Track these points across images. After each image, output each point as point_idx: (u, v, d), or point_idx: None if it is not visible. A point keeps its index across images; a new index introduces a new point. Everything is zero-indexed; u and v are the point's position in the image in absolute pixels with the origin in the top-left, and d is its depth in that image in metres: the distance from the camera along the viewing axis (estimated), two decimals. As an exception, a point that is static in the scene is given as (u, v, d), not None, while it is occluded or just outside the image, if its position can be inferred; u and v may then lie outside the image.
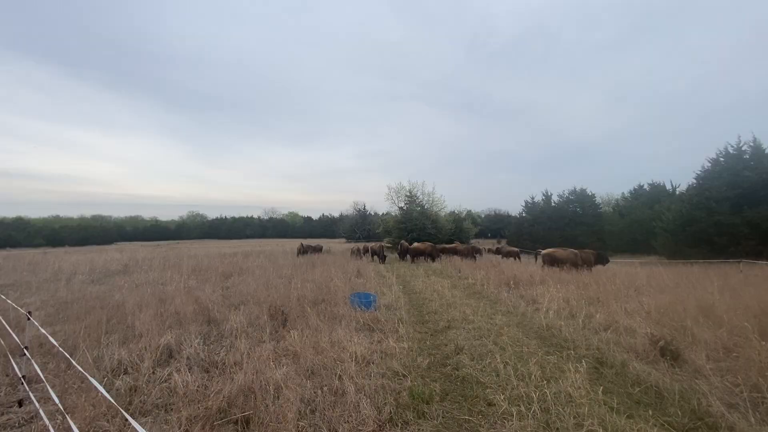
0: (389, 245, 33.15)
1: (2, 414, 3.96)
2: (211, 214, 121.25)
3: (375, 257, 23.78)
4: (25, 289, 12.03)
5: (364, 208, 76.39)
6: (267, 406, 3.76)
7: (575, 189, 50.13)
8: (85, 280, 14.10)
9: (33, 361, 4.18)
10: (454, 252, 22.91)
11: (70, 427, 3.27)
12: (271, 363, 4.87)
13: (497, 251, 25.77)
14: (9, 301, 7.21)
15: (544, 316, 7.68)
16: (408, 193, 37.38)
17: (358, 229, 70.67)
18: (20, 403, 4.15)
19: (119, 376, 4.80)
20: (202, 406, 3.82)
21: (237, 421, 3.61)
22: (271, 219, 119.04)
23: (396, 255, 25.32)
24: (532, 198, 56.57)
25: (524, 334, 6.76)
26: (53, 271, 17.03)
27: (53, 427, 3.18)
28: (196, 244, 58.28)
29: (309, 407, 3.87)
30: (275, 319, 7.27)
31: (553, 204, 52.45)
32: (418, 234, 32.80)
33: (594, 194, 49.57)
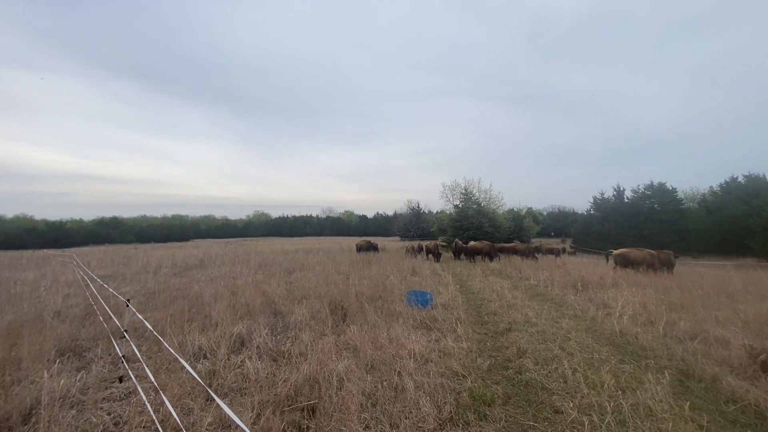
0: (444, 244, 32.68)
1: (106, 388, 4.55)
2: (274, 213, 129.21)
3: (429, 256, 23.60)
4: (121, 280, 13.70)
5: (418, 206, 76.08)
6: (330, 396, 3.92)
7: (652, 183, 45.45)
8: (169, 273, 15.71)
9: (131, 343, 4.75)
10: (514, 251, 21.98)
11: (162, 402, 3.69)
12: (333, 356, 5.06)
13: (533, 251, 22.77)
14: (111, 290, 8.25)
15: (617, 322, 7.09)
16: (463, 191, 36.47)
17: (412, 227, 70.56)
18: (120, 380, 4.74)
19: (200, 360, 5.29)
20: (272, 393, 4.08)
21: (304, 408, 3.82)
22: (328, 218, 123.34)
23: (451, 254, 24.89)
24: (602, 194, 52.38)
25: (594, 340, 6.31)
26: (142, 264, 19.23)
27: (148, 402, 3.59)
28: (261, 242, 62.18)
29: (370, 400, 3.97)
30: (335, 314, 7.54)
31: (625, 200, 48.08)
32: (474, 232, 31.92)
33: (675, 189, 44.52)
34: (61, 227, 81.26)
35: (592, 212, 53.42)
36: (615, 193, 50.08)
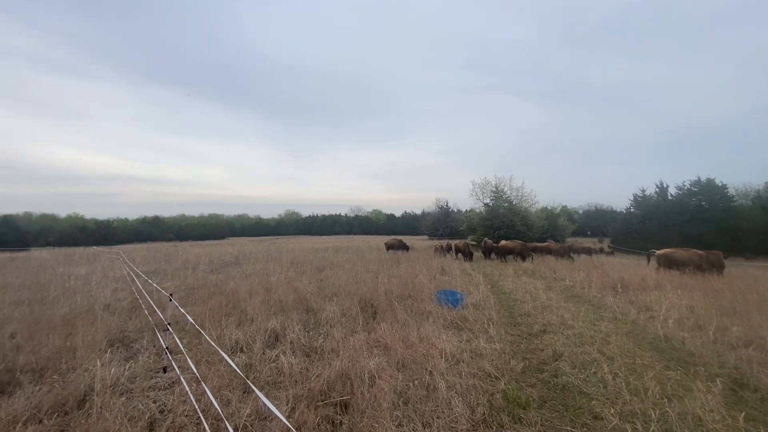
0: (473, 243, 32.17)
1: (152, 378, 4.80)
2: (304, 213, 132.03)
3: (459, 255, 23.29)
4: (163, 276, 14.44)
5: (447, 205, 75.14)
6: (363, 393, 3.95)
7: (699, 179, 42.65)
8: (206, 269, 16.39)
9: (175, 336, 4.99)
10: (547, 251, 21.29)
11: (203, 392, 3.86)
12: (364, 353, 5.10)
13: (568, 251, 21.50)
14: (155, 285, 8.70)
15: (661, 326, 6.72)
16: (494, 189, 35.69)
17: (441, 226, 69.82)
18: (164, 370, 4.99)
19: (236, 353, 5.48)
20: (306, 387, 4.17)
21: (336, 404, 3.87)
22: (357, 216, 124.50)
23: (480, 253, 24.42)
24: (643, 191, 49.78)
25: (636, 344, 6.00)
26: (182, 261, 20.17)
27: (191, 392, 3.76)
28: (292, 240, 63.62)
29: (402, 398, 3.97)
30: (366, 312, 7.60)
31: (669, 197, 45.41)
32: (505, 231, 31.19)
33: (725, 185, 41.53)
34: (108, 226, 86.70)
35: (632, 210, 50.84)
36: (657, 190, 47.41)
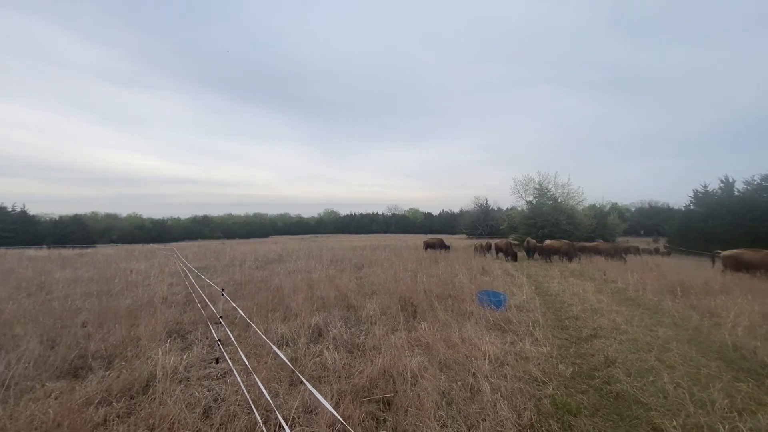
0: (515, 242, 31.15)
1: (205, 368, 5.09)
2: (342, 212, 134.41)
3: (500, 254, 22.65)
4: (212, 272, 15.27)
5: (486, 203, 73.30)
6: (405, 391, 3.96)
7: (773, 173, 38.44)
8: (252, 266, 17.13)
9: (227, 329, 5.26)
10: (596, 251, 20.18)
11: (252, 383, 4.04)
12: (406, 351, 5.10)
13: (619, 251, 20.01)
14: (207, 280, 9.22)
15: (728, 334, 6.16)
16: (537, 186, 34.27)
17: (480, 224, 68.26)
18: (217, 361, 5.28)
19: (282, 347, 5.68)
20: (349, 383, 4.25)
21: (380, 401, 3.91)
22: (393, 215, 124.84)
23: (523, 253, 23.57)
24: (705, 186, 45.69)
25: (699, 352, 5.54)
26: (230, 258, 21.22)
27: (242, 382, 3.95)
28: (331, 238, 65.01)
29: (445, 399, 3.93)
30: (405, 310, 7.59)
31: (736, 193, 41.37)
32: (549, 230, 29.90)
33: (806, 179, 37.16)
34: (163, 225, 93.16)
35: (691, 208, 46.89)
36: (722, 185, 43.33)
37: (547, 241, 21.81)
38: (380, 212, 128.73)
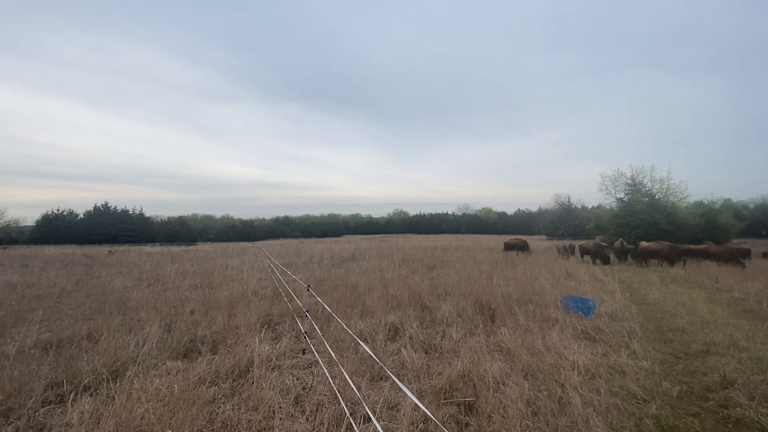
0: (604, 244, 28.41)
1: (293, 357, 5.49)
2: (411, 212, 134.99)
3: (585, 257, 20.85)
4: (295, 268, 16.40)
5: (569, 201, 68.17)
6: (487, 397, 3.86)
7: None
8: (329, 264, 18.06)
9: (313, 322, 5.63)
10: (705, 255, 17.54)
11: (337, 375, 4.26)
12: (486, 356, 4.96)
13: (736, 255, 16.80)
14: (293, 276, 9.93)
15: None
16: (630, 181, 30.82)
17: (561, 224, 63.52)
18: (303, 352, 5.67)
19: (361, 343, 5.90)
20: (429, 383, 4.27)
21: (461, 404, 3.86)
22: (464, 215, 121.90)
23: (614, 256, 21.36)
24: None
25: None
26: (309, 255, 22.60)
27: (328, 373, 4.20)
28: (401, 238, 65.62)
29: (530, 408, 3.75)
30: (482, 314, 7.38)
31: None
32: (645, 231, 26.72)
33: None
34: (251, 225, 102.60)
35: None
36: None
37: (643, 243, 19.52)
38: (450, 212, 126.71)
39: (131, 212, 78.31)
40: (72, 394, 4.00)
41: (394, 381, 4.38)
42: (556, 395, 3.98)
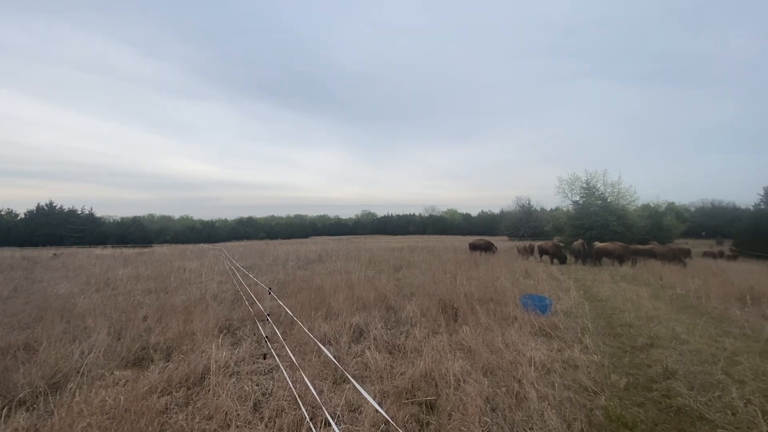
0: (561, 244, 29.82)
1: (254, 363, 5.32)
2: (379, 213, 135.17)
3: (543, 257, 21.79)
4: (258, 271, 15.94)
5: (529, 203, 70.91)
6: (448, 395, 3.92)
7: None
8: (294, 266, 17.70)
9: (274, 326, 5.48)
10: (651, 254, 18.85)
11: (297, 379, 4.17)
12: (448, 354, 5.05)
13: (678, 254, 18.59)
14: (255, 279, 9.63)
15: (811, 348, 5.52)
16: (584, 185, 32.58)
17: (522, 225, 66.07)
18: (264, 357, 5.51)
19: (324, 346, 5.81)
20: (391, 384, 4.28)
21: (422, 403, 3.90)
22: (431, 216, 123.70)
23: (571, 256, 22.47)
24: (778, 184, 41.28)
25: (776, 367, 5.03)
26: (273, 257, 22.04)
27: (289, 378, 4.10)
28: (368, 239, 65.58)
29: (489, 405, 3.84)
30: (446, 313, 7.51)
31: (817, 191, 37.03)
32: (598, 232, 28.31)
33: None
34: (212, 226, 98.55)
35: (762, 207, 42.54)
36: (800, 182, 38.91)
37: (599, 243, 20.68)
38: (417, 213, 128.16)
39: (80, 212, 72.96)
40: (5, 410, 3.66)
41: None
42: (514, 391, 4.11)
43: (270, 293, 5.89)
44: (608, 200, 30.94)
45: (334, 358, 5.23)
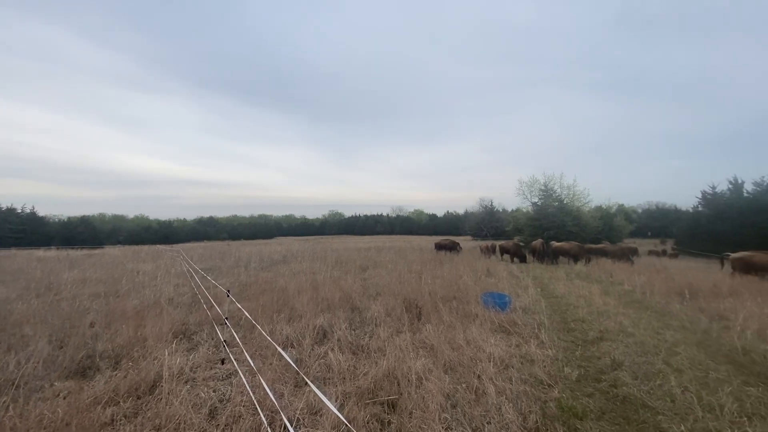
0: (521, 244, 31.01)
1: (211, 368, 5.11)
2: (347, 213, 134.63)
3: (504, 256, 22.56)
4: (218, 273, 15.35)
5: (491, 205, 73.09)
6: (410, 393, 3.96)
7: (782, 174, 37.84)
8: (257, 267, 17.21)
9: (232, 330, 5.29)
10: (603, 253, 20.01)
11: (257, 384, 4.05)
12: (411, 353, 5.09)
13: (626, 253, 20.33)
14: (212, 281, 9.26)
15: (738, 337, 6.07)
16: (543, 187, 34.16)
17: (485, 226, 67.98)
18: (222, 362, 5.31)
19: (287, 349, 5.70)
20: (354, 385, 4.25)
21: (384, 403, 3.90)
22: (398, 217, 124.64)
23: (531, 255, 23.42)
24: (713, 188, 44.98)
25: (708, 356, 5.49)
26: (235, 259, 21.31)
27: (247, 383, 3.97)
28: (336, 239, 65.04)
29: (449, 401, 3.91)
30: (410, 312, 7.58)
31: (746, 194, 40.80)
32: (555, 232, 29.75)
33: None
34: (169, 226, 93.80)
35: (699, 209, 46.31)
36: (731, 186, 42.69)
37: (556, 243, 21.68)
38: (385, 213, 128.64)
39: (19, 210, 67.00)
40: None
41: (317, 386, 4.30)
42: (473, 386, 4.22)
43: (228, 296, 5.68)
44: (564, 202, 32.59)
45: (296, 361, 5.15)
